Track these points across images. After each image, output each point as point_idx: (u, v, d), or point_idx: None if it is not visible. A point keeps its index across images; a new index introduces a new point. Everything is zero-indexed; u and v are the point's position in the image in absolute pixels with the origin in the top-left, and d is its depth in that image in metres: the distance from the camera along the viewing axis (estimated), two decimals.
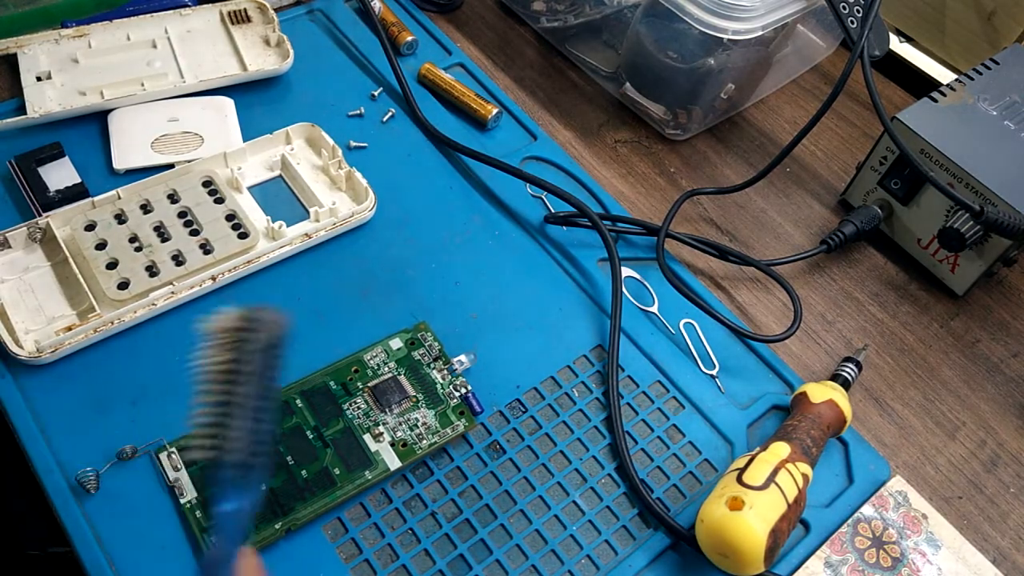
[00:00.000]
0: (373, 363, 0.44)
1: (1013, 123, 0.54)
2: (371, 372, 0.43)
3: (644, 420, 0.47)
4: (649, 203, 0.58)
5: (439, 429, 0.42)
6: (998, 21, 0.65)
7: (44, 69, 0.55)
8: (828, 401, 0.45)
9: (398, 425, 0.42)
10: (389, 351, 0.44)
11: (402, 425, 0.42)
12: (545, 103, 0.63)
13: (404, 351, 0.44)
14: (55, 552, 0.62)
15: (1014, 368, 0.53)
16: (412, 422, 0.42)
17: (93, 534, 0.38)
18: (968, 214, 0.50)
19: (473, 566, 0.40)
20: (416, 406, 0.42)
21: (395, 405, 0.42)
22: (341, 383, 0.43)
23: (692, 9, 0.53)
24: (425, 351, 0.45)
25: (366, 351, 0.44)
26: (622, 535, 0.42)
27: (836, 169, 0.63)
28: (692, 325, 0.51)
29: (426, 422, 0.42)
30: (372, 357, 0.44)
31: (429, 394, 0.43)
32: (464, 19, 0.68)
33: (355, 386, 0.43)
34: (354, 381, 0.43)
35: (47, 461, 0.40)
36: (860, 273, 0.57)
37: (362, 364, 0.44)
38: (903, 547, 0.43)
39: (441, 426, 0.42)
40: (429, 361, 0.44)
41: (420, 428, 0.42)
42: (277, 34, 0.60)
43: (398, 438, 0.41)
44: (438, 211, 0.54)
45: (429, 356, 0.44)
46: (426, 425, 0.42)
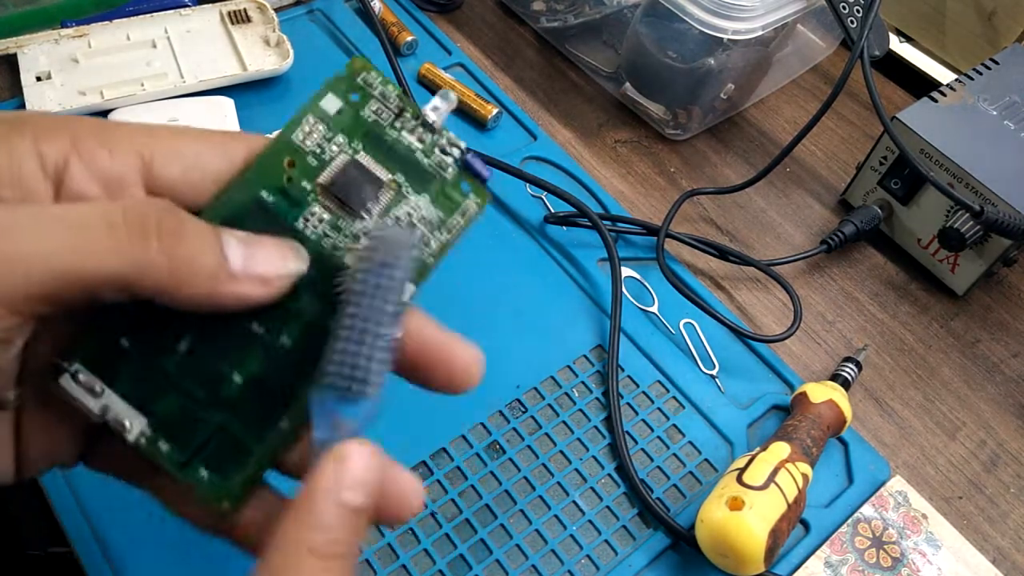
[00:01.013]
0: (310, 144, 0.26)
1: (1013, 123, 0.54)
2: (313, 160, 0.26)
3: (644, 420, 0.47)
4: (649, 203, 0.58)
5: (445, 219, 0.27)
6: (998, 21, 0.65)
7: (44, 69, 0.55)
8: (828, 401, 0.45)
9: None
10: (326, 119, 0.26)
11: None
12: (545, 103, 0.63)
13: (349, 114, 0.26)
14: (55, 552, 0.62)
15: (1014, 368, 0.53)
16: (404, 221, 0.27)
17: (93, 534, 0.38)
18: (968, 214, 0.50)
19: (473, 566, 0.40)
20: (400, 195, 0.27)
21: (370, 202, 0.26)
22: (277, 189, 0.25)
23: (692, 9, 0.53)
24: (380, 104, 0.27)
25: (292, 128, 0.26)
26: (622, 535, 0.42)
27: (836, 169, 0.63)
28: (692, 325, 0.51)
29: (424, 215, 0.27)
30: (306, 135, 0.26)
31: (410, 170, 0.27)
32: (464, 19, 0.68)
33: (299, 188, 0.26)
34: (295, 181, 0.26)
35: None
36: (860, 273, 0.57)
37: (295, 150, 0.26)
38: (903, 547, 0.43)
39: (446, 213, 0.27)
40: (391, 119, 0.27)
41: (419, 226, 0.27)
42: (277, 34, 0.60)
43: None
44: None
45: (387, 111, 0.27)
46: (425, 219, 0.27)
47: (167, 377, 0.24)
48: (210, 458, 0.24)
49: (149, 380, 0.24)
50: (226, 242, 0.22)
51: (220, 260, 0.22)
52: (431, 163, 0.27)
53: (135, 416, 0.24)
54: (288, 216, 0.25)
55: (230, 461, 0.24)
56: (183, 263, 0.21)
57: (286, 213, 0.25)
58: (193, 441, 0.24)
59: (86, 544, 0.38)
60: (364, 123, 0.26)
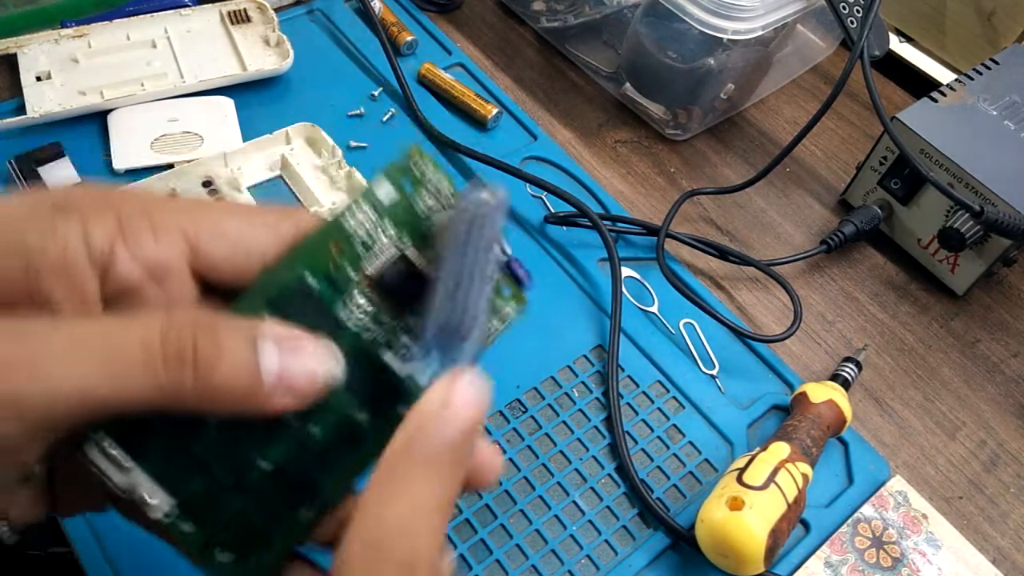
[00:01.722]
0: (359, 230, 0.25)
1: (1013, 123, 0.54)
2: (361, 246, 0.25)
3: (644, 420, 0.47)
4: (649, 203, 0.58)
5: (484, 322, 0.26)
6: (998, 21, 0.65)
7: (44, 69, 0.55)
8: (828, 401, 0.45)
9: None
10: (378, 205, 0.25)
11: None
12: (545, 103, 0.63)
13: (402, 205, 0.25)
14: (56, 552, 0.61)
15: (1014, 368, 0.53)
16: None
17: (93, 534, 0.38)
18: (968, 214, 0.50)
19: (473, 566, 0.40)
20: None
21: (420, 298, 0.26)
22: (322, 273, 0.25)
23: (692, 9, 0.53)
24: (432, 198, 0.26)
25: (343, 213, 0.25)
26: (622, 535, 0.42)
27: (836, 169, 0.63)
28: (692, 325, 0.51)
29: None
30: (356, 221, 0.25)
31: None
32: (464, 19, 0.68)
33: (343, 275, 0.25)
34: (341, 268, 0.25)
35: None
36: (860, 273, 0.57)
37: (343, 234, 0.25)
38: (903, 547, 0.43)
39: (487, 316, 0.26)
40: (440, 210, 0.26)
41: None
42: (277, 34, 0.60)
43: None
44: None
45: (439, 204, 0.26)
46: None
47: (195, 458, 0.23)
48: (230, 542, 0.24)
49: (176, 459, 0.23)
50: (262, 349, 0.21)
51: (255, 381, 0.21)
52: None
53: (160, 493, 0.23)
54: (331, 303, 0.24)
55: (249, 547, 0.24)
56: (217, 391, 0.21)
57: (330, 299, 0.24)
58: (215, 524, 0.24)
59: (86, 544, 0.38)
60: (415, 215, 0.26)
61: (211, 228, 0.23)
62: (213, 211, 0.24)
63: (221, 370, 0.21)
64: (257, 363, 0.21)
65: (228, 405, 0.21)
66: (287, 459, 0.24)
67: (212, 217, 0.24)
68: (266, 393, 0.21)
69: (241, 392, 0.21)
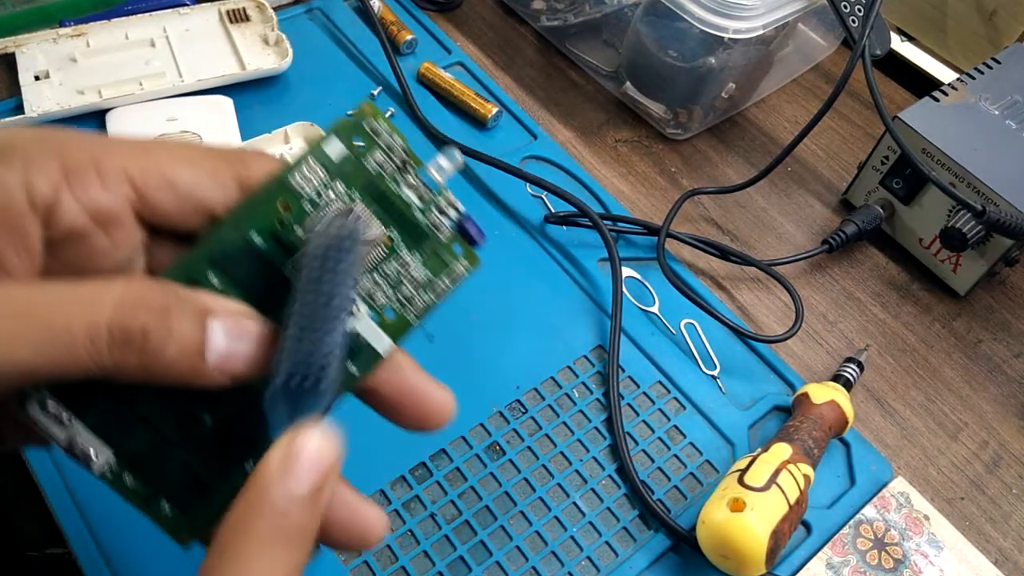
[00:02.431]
0: (308, 188, 0.25)
1: (1015, 122, 0.54)
2: (309, 206, 0.25)
3: (645, 421, 0.46)
4: (649, 203, 0.58)
5: (432, 278, 0.27)
6: (999, 20, 0.64)
7: (42, 68, 0.55)
8: (830, 402, 0.44)
9: (373, 286, 0.26)
10: (327, 162, 0.25)
11: (380, 284, 0.26)
12: (545, 102, 0.63)
13: (351, 161, 0.25)
14: (53, 553, 0.61)
15: (1016, 368, 0.53)
16: (392, 276, 0.26)
17: (91, 535, 0.38)
18: (970, 214, 0.50)
19: (473, 568, 0.40)
20: (393, 251, 0.26)
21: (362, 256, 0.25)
22: (268, 232, 0.24)
23: (693, 8, 0.53)
24: (383, 155, 0.26)
25: (290, 169, 0.24)
26: (623, 536, 0.42)
27: (837, 169, 0.63)
28: (693, 325, 0.51)
29: (413, 273, 0.26)
30: (305, 179, 0.25)
31: (405, 226, 0.26)
32: (464, 18, 0.68)
33: (292, 234, 0.24)
34: (289, 226, 0.24)
35: (45, 462, 0.40)
36: (862, 273, 0.56)
37: (291, 193, 0.24)
38: (905, 548, 0.43)
39: (434, 273, 0.27)
40: (393, 172, 0.26)
41: (405, 283, 0.26)
42: (276, 33, 0.60)
43: (378, 304, 0.26)
44: None
45: (391, 163, 0.26)
46: (413, 278, 0.26)
47: (137, 414, 0.23)
48: (173, 494, 0.24)
49: (119, 414, 0.23)
50: (211, 331, 0.21)
51: (199, 361, 0.21)
52: (427, 222, 0.26)
53: (101, 448, 0.23)
54: (277, 261, 0.24)
55: (193, 499, 0.24)
56: (160, 370, 0.21)
57: (278, 259, 0.24)
58: (158, 477, 0.24)
59: (84, 545, 0.38)
60: (366, 173, 0.25)
61: (159, 175, 0.23)
62: (162, 156, 0.23)
63: (167, 352, 0.20)
64: (204, 345, 0.21)
65: (167, 380, 0.21)
66: (230, 415, 0.24)
67: (160, 163, 0.23)
68: (208, 373, 0.21)
69: (183, 370, 0.21)
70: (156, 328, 0.20)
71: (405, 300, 0.26)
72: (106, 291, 0.20)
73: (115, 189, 0.22)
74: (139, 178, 0.22)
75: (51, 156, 0.21)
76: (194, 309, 0.21)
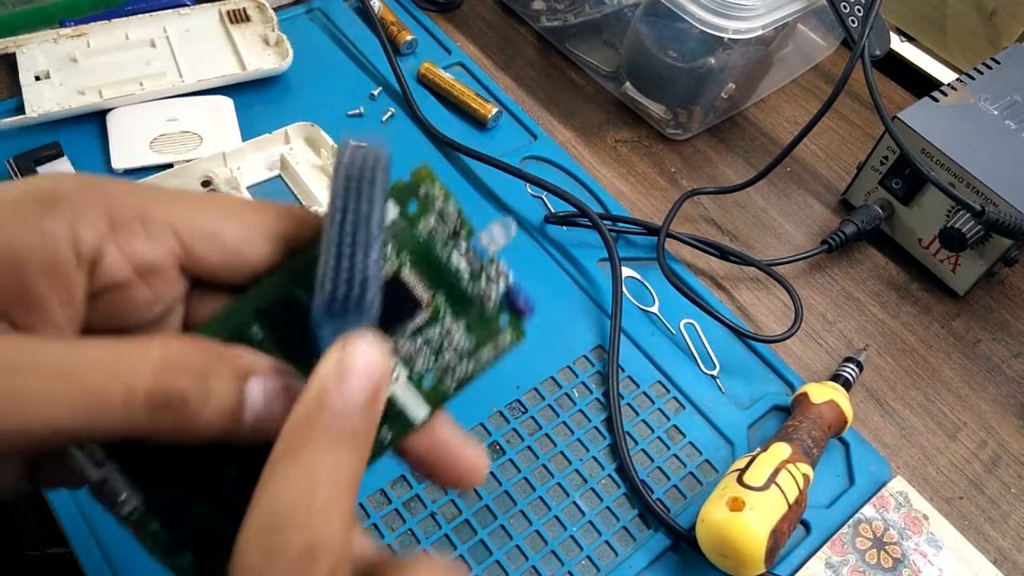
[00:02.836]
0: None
1: (1014, 123, 0.54)
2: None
3: (644, 421, 0.46)
4: (649, 203, 0.58)
5: (475, 349, 0.26)
6: (999, 21, 0.65)
7: (43, 68, 0.55)
8: (829, 401, 0.44)
9: (414, 351, 0.25)
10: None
11: (422, 350, 0.25)
12: (545, 103, 0.63)
13: (403, 225, 0.25)
14: (54, 553, 0.61)
15: (1015, 368, 0.53)
16: (435, 343, 0.25)
17: (92, 535, 0.38)
18: (969, 214, 0.50)
19: (473, 567, 0.40)
20: (437, 318, 0.25)
21: (406, 319, 0.25)
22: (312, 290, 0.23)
23: (692, 8, 0.53)
24: (437, 219, 0.25)
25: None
26: (622, 536, 0.42)
27: (837, 169, 0.63)
28: (693, 325, 0.51)
29: (455, 341, 0.26)
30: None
31: (452, 293, 0.26)
32: (464, 18, 0.68)
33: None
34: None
35: None
36: (861, 273, 0.57)
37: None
38: (904, 548, 0.43)
39: (479, 343, 0.26)
40: (444, 237, 0.25)
41: (447, 352, 0.26)
42: (276, 33, 0.60)
43: (417, 372, 0.25)
44: None
45: (444, 228, 0.25)
46: (456, 346, 0.26)
47: (167, 461, 0.23)
48: (194, 546, 0.24)
49: (149, 460, 0.23)
50: (249, 393, 0.21)
51: (233, 425, 0.21)
52: (475, 290, 0.26)
53: (131, 491, 0.23)
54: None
55: (212, 551, 0.24)
56: (194, 432, 0.20)
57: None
58: (182, 527, 0.24)
59: (85, 544, 0.38)
60: (417, 238, 0.25)
61: (206, 230, 0.23)
62: (209, 210, 0.23)
63: (204, 416, 0.20)
64: (242, 407, 0.21)
65: (200, 439, 0.21)
66: (253, 470, 0.23)
67: (208, 217, 0.23)
68: (243, 433, 0.21)
69: (218, 431, 0.21)
70: (194, 392, 0.20)
71: (446, 368, 0.25)
72: (144, 354, 0.20)
73: (161, 243, 0.22)
74: (185, 232, 0.22)
75: (98, 207, 0.21)
76: (233, 370, 0.21)
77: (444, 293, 0.25)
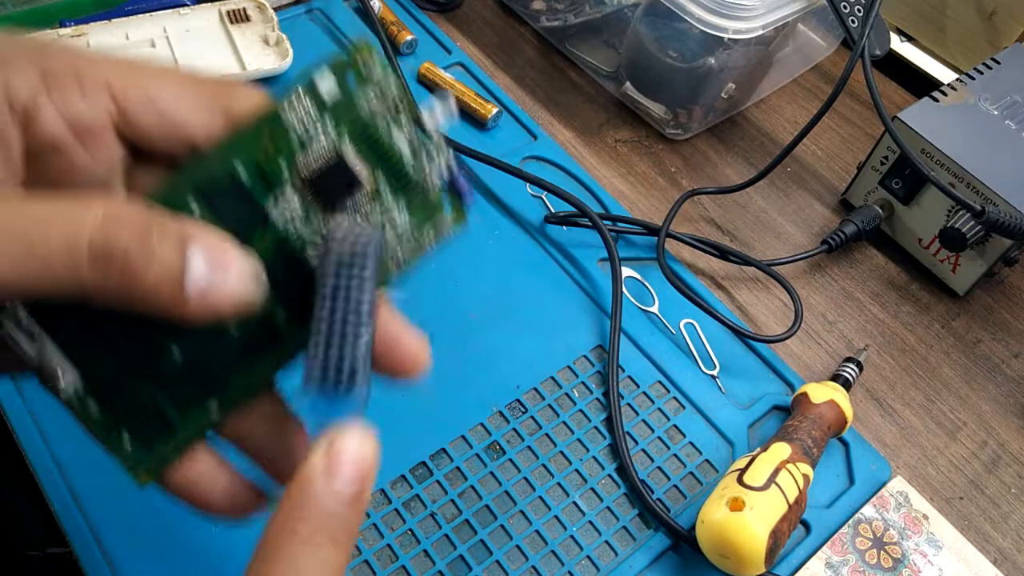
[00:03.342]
0: (298, 125, 0.24)
1: (1014, 123, 0.54)
2: (296, 140, 0.24)
3: (644, 421, 0.46)
4: (649, 203, 0.58)
5: (417, 232, 0.25)
6: (999, 21, 0.65)
7: None
8: (829, 401, 0.44)
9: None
10: (318, 98, 0.24)
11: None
12: (545, 102, 0.63)
13: (343, 98, 0.24)
14: (54, 553, 0.61)
15: (1015, 368, 0.53)
16: (374, 221, 0.25)
17: (92, 534, 0.38)
18: (969, 214, 0.50)
19: (473, 567, 0.40)
20: (377, 197, 0.25)
21: (345, 196, 0.24)
22: (253, 165, 0.24)
23: (692, 8, 0.53)
24: (376, 97, 0.24)
25: (282, 105, 0.24)
26: (622, 536, 0.42)
27: (837, 169, 0.63)
28: (693, 325, 0.51)
29: (395, 220, 0.25)
30: (295, 115, 0.24)
31: (393, 173, 0.25)
32: (464, 18, 0.68)
33: (277, 168, 0.24)
34: (274, 163, 0.24)
35: (46, 462, 0.40)
36: (861, 273, 0.57)
37: (280, 127, 0.24)
38: (904, 548, 0.43)
39: (419, 224, 0.25)
40: (385, 114, 0.25)
41: (388, 231, 0.25)
42: (276, 33, 0.60)
43: None
44: None
45: (383, 104, 0.24)
46: (396, 229, 0.25)
47: (107, 340, 0.23)
48: (135, 427, 0.24)
49: (89, 338, 0.23)
50: (191, 259, 0.20)
51: (178, 291, 0.20)
52: (416, 171, 0.25)
53: (69, 369, 0.23)
54: (261, 198, 0.24)
55: (154, 434, 0.24)
56: (139, 294, 0.20)
57: (260, 194, 0.24)
58: (123, 408, 0.23)
59: (85, 544, 0.38)
60: (356, 112, 0.24)
61: (142, 92, 0.22)
62: (146, 74, 0.23)
63: (148, 276, 0.20)
64: (184, 274, 0.20)
65: (144, 308, 0.20)
66: (200, 352, 0.24)
67: (144, 80, 0.22)
68: (186, 305, 0.21)
69: (162, 300, 0.20)
70: (137, 249, 0.20)
71: (386, 251, 0.25)
72: (87, 208, 0.20)
73: (95, 100, 0.22)
74: (120, 92, 0.22)
75: (31, 61, 0.21)
76: (176, 234, 0.20)
77: (385, 171, 0.25)
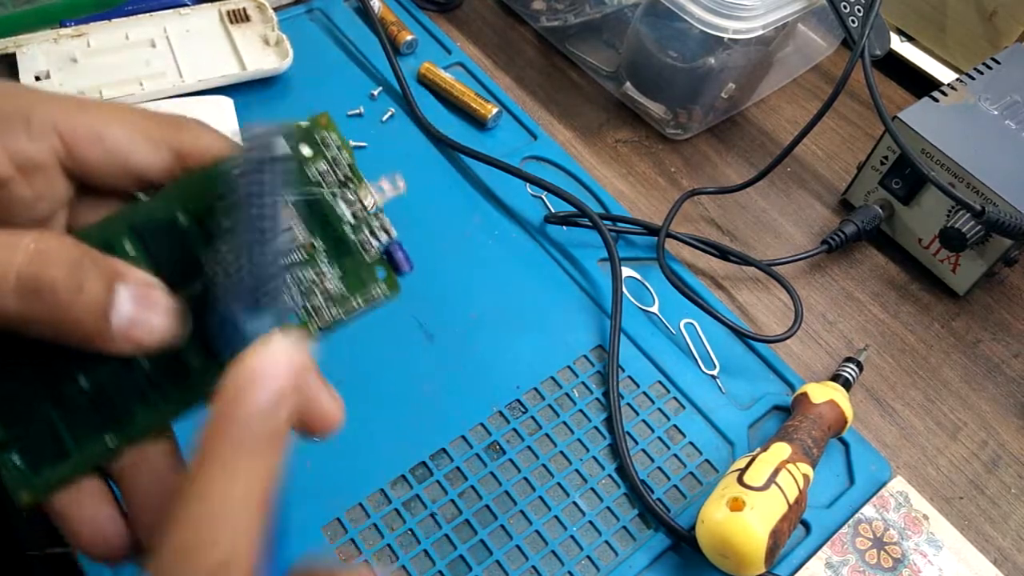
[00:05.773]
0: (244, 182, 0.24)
1: (1014, 123, 0.54)
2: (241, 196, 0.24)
3: (644, 421, 0.46)
4: (649, 203, 0.58)
5: (346, 295, 0.26)
6: (999, 21, 0.65)
7: (43, 68, 0.55)
8: (829, 401, 0.44)
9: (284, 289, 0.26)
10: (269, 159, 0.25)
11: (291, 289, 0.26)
12: (545, 103, 0.63)
13: (293, 164, 0.26)
14: (54, 553, 0.61)
15: (1015, 368, 0.53)
16: (305, 284, 0.26)
17: None
18: (969, 214, 0.50)
19: (473, 567, 0.40)
20: (313, 260, 0.26)
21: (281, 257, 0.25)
22: (195, 216, 0.24)
23: (693, 8, 0.53)
24: (328, 166, 0.26)
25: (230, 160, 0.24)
26: (622, 536, 0.42)
27: (837, 169, 0.63)
28: (693, 325, 0.51)
29: (327, 285, 0.26)
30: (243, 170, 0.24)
31: (332, 239, 0.26)
32: (464, 18, 0.68)
33: (216, 222, 0.24)
34: (216, 214, 0.24)
35: None
36: (861, 273, 0.57)
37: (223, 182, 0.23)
38: (904, 548, 0.43)
39: (349, 290, 0.26)
40: (332, 183, 0.26)
41: (317, 294, 0.26)
42: (276, 33, 0.60)
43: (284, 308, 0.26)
44: (437, 211, 0.54)
45: (334, 175, 0.26)
46: (327, 291, 0.26)
47: (15, 359, 0.23)
48: (28, 448, 0.24)
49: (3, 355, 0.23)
50: (118, 296, 0.21)
51: (103, 324, 0.21)
52: (355, 239, 0.26)
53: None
54: (196, 246, 0.24)
55: (46, 458, 0.24)
56: (63, 327, 0.21)
57: (195, 242, 0.24)
58: (19, 428, 0.23)
59: None
60: (306, 179, 0.26)
61: (89, 130, 0.23)
62: (93, 112, 0.23)
63: (74, 308, 0.20)
64: (109, 309, 0.21)
65: (67, 339, 0.21)
66: (108, 382, 0.24)
67: (92, 118, 0.23)
68: (110, 338, 0.21)
69: (86, 332, 0.21)
70: (65, 283, 0.20)
71: (312, 310, 0.26)
72: (18, 242, 0.20)
73: (42, 140, 0.22)
74: (68, 130, 0.23)
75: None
76: (105, 271, 0.21)
77: (323, 237, 0.26)
